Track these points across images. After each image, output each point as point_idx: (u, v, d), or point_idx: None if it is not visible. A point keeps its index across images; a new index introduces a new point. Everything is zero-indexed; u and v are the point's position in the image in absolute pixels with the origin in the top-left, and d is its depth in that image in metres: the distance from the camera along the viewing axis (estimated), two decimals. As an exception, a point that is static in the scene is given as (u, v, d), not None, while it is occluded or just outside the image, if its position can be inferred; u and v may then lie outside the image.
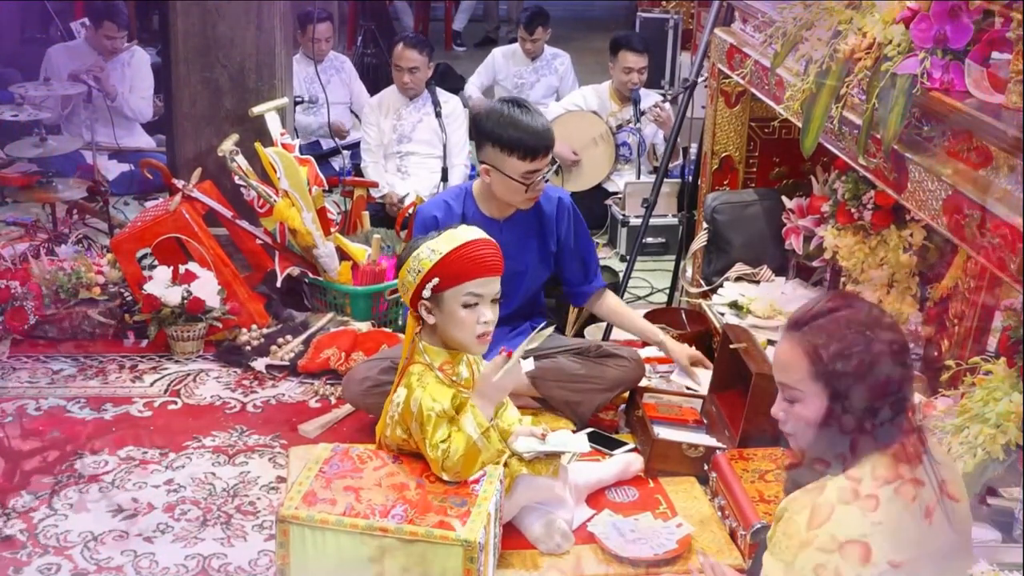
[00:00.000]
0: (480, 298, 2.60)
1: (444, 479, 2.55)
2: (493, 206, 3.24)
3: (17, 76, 5.43)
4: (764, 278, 3.88)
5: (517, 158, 3.06)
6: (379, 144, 5.27)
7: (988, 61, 2.28)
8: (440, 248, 2.57)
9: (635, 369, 3.31)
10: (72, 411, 3.39)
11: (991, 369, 2.49)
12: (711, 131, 3.98)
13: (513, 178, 3.09)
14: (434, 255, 2.57)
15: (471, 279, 2.58)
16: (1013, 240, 2.01)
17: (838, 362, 1.83)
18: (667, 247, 4.98)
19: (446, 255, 2.56)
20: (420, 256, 2.58)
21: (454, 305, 2.59)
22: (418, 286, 2.58)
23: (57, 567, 2.66)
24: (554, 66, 6.50)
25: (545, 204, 3.30)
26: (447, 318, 2.61)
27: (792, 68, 2.88)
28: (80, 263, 3.84)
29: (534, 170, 3.09)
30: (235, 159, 3.92)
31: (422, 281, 2.57)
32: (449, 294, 2.58)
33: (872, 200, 3.18)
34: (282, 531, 2.45)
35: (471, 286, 2.58)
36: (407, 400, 2.59)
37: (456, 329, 2.62)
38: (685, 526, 2.80)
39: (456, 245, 2.58)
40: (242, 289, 3.92)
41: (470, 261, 2.58)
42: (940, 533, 1.84)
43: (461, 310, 2.59)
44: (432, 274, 2.55)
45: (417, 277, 2.57)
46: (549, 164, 3.14)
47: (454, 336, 2.64)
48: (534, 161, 3.07)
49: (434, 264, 2.55)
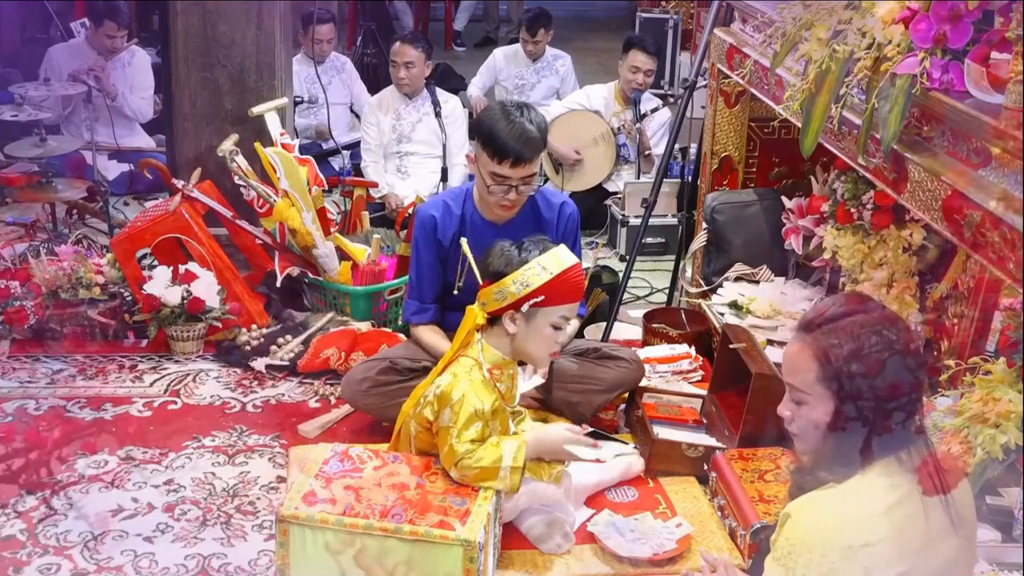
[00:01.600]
0: (567, 321, 2.69)
1: (450, 474, 2.57)
2: (488, 209, 3.23)
3: (17, 76, 5.43)
4: (764, 278, 3.88)
5: (488, 155, 3.04)
6: (379, 144, 5.27)
7: (988, 61, 2.28)
8: (551, 268, 2.62)
9: (635, 370, 3.31)
10: (72, 411, 3.39)
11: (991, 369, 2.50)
12: (711, 131, 3.98)
13: (482, 173, 3.09)
14: (544, 274, 2.61)
15: (570, 303, 2.66)
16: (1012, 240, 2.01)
17: (848, 367, 1.80)
18: (667, 247, 4.98)
19: (556, 276, 2.61)
20: (531, 271, 2.61)
21: (544, 323, 2.65)
22: (522, 299, 2.61)
23: (57, 567, 2.66)
24: (555, 67, 6.50)
25: (545, 210, 3.27)
26: (532, 333, 2.66)
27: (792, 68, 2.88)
28: (80, 263, 3.84)
29: (501, 175, 3.04)
30: (235, 159, 3.92)
31: (528, 295, 2.61)
32: (544, 312, 2.64)
33: (872, 200, 3.17)
34: (282, 531, 2.45)
35: (565, 309, 2.66)
36: (450, 386, 2.61)
37: (537, 344, 2.68)
38: (685, 526, 2.80)
39: (564, 268, 2.64)
40: (242, 289, 3.92)
41: (572, 286, 2.65)
42: (946, 540, 1.83)
43: (549, 329, 2.66)
44: (540, 292, 2.60)
45: (524, 290, 2.60)
46: (528, 182, 3.07)
47: (529, 350, 2.70)
48: (501, 164, 3.02)
49: (544, 283, 2.60)
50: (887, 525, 1.78)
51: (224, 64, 4.10)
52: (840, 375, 1.81)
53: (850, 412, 1.82)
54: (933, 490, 1.82)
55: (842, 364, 1.81)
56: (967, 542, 1.90)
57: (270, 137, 4.02)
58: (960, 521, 1.84)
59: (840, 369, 1.81)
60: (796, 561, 1.82)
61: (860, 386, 1.80)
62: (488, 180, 3.07)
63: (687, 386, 3.52)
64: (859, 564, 1.76)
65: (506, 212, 3.16)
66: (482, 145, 3.05)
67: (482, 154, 3.06)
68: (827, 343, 1.83)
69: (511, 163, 3.01)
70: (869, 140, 2.52)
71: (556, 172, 5.38)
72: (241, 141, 3.99)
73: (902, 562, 1.77)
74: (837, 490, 1.85)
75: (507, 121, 3.00)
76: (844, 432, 1.83)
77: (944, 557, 1.83)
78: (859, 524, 1.79)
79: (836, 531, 1.80)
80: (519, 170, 3.04)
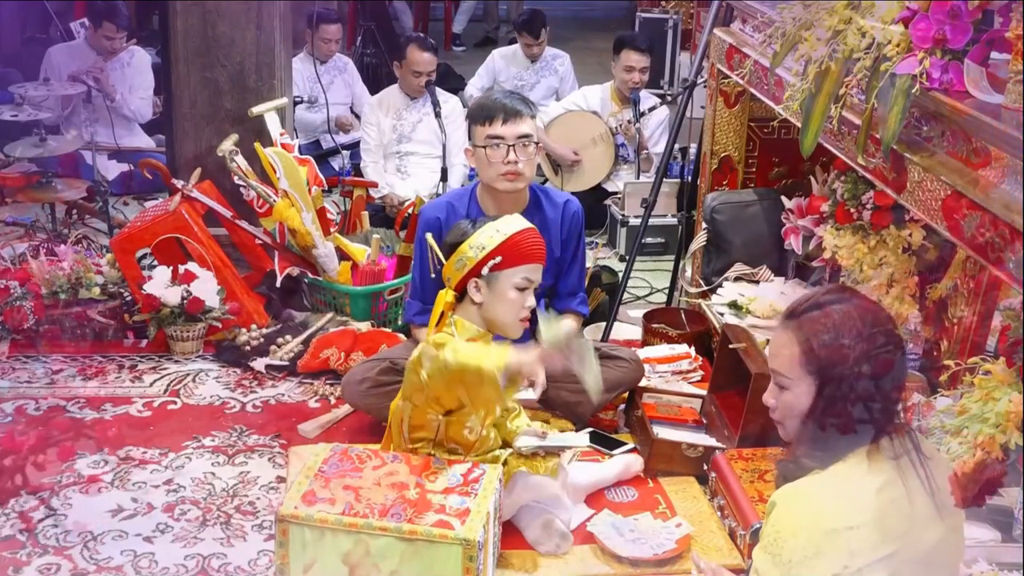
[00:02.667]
0: (531, 283, 2.71)
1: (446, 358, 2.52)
2: (493, 207, 3.23)
3: (17, 76, 5.43)
4: (763, 278, 3.88)
5: (478, 124, 3.17)
6: (379, 144, 5.26)
7: (987, 61, 2.28)
8: (504, 230, 2.68)
9: (634, 370, 3.31)
10: (72, 411, 3.39)
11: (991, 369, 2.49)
12: (710, 131, 3.98)
13: (478, 145, 3.16)
14: (499, 235, 2.66)
15: (528, 263, 2.69)
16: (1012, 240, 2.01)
17: (827, 352, 1.85)
18: (667, 247, 4.98)
19: (511, 236, 2.67)
20: (484, 233, 2.66)
21: (507, 285, 2.68)
22: (479, 262, 2.65)
23: (57, 567, 2.66)
24: (554, 67, 6.50)
25: (550, 210, 3.30)
26: (497, 298, 2.68)
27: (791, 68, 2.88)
28: (80, 263, 3.84)
29: (495, 135, 3.12)
30: (235, 159, 3.92)
31: (485, 257, 2.65)
32: (505, 274, 2.67)
33: (871, 200, 3.17)
34: (281, 530, 2.45)
35: (526, 270, 2.69)
36: (426, 347, 2.61)
37: (504, 309, 2.70)
38: (684, 526, 2.80)
39: (519, 229, 2.69)
40: (242, 289, 3.92)
41: (529, 247, 2.70)
42: (931, 527, 1.84)
43: (512, 291, 2.69)
44: (497, 252, 2.65)
45: (480, 253, 2.65)
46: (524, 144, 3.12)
47: (498, 316, 2.71)
48: (492, 124, 3.12)
49: (499, 244, 2.65)
50: (871, 508, 1.80)
51: (224, 64, 4.10)
52: (820, 358, 1.86)
53: (830, 395, 1.85)
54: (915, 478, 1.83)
55: (821, 347, 1.86)
56: (953, 532, 1.92)
57: (270, 137, 4.02)
58: (945, 509, 1.86)
59: (819, 352, 1.86)
60: (782, 548, 1.83)
61: (839, 370, 1.84)
62: (481, 145, 3.15)
63: (687, 386, 3.52)
64: (844, 547, 1.78)
65: (512, 182, 3.17)
66: (473, 120, 3.21)
67: (475, 128, 3.19)
68: (809, 328, 1.88)
69: (502, 120, 3.13)
70: (869, 140, 2.52)
71: (555, 173, 5.38)
72: (241, 141, 3.99)
73: (886, 545, 1.79)
74: (821, 475, 1.87)
75: (494, 92, 3.31)
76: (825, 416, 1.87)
77: (929, 542, 1.85)
78: (843, 507, 1.81)
79: (820, 515, 1.81)
80: (511, 127, 3.13)
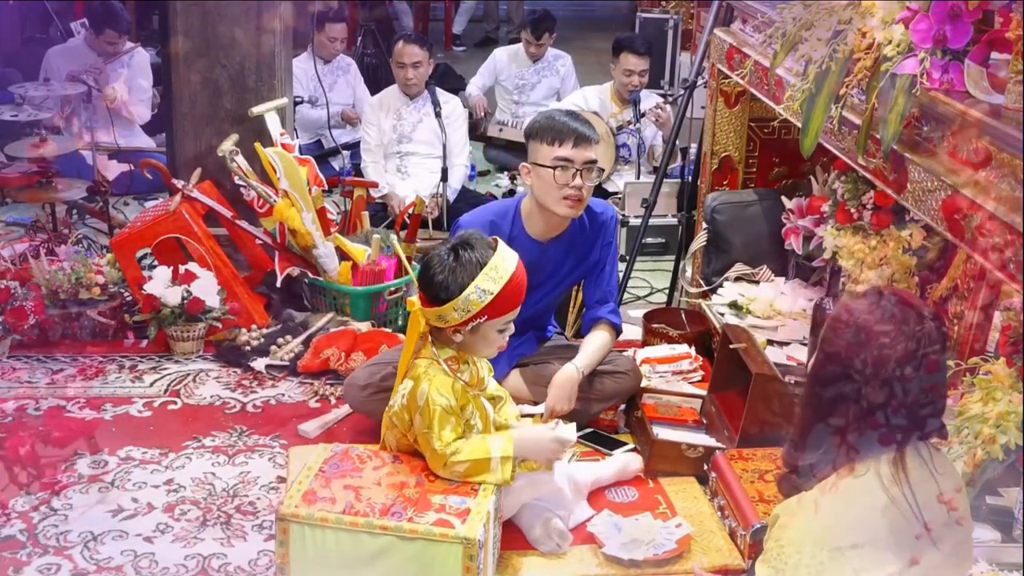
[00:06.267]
0: (511, 323, 2.69)
1: (440, 475, 2.57)
2: (539, 226, 3.20)
3: (17, 76, 5.43)
4: (764, 278, 3.88)
5: (546, 144, 3.08)
6: (379, 144, 5.26)
7: (988, 61, 2.28)
8: (490, 288, 2.58)
9: (632, 380, 3.31)
10: (72, 411, 3.39)
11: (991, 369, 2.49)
12: (711, 131, 3.98)
13: (544, 165, 3.08)
14: (485, 296, 2.57)
15: (513, 310, 2.66)
16: (1012, 240, 2.01)
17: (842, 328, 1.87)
18: (667, 247, 4.97)
19: (497, 295, 2.58)
20: (470, 298, 2.57)
21: (490, 331, 2.65)
22: (464, 321, 2.60)
23: (57, 567, 2.66)
24: (556, 67, 6.50)
25: (589, 221, 3.27)
26: (479, 340, 2.67)
27: (792, 68, 2.88)
28: (80, 263, 3.84)
29: (564, 157, 3.05)
30: (235, 159, 3.91)
31: (470, 319, 2.59)
32: (489, 323, 2.63)
33: (872, 200, 3.17)
34: (282, 529, 2.45)
35: (509, 316, 2.67)
36: (413, 392, 2.61)
37: (483, 347, 2.71)
38: (685, 526, 2.80)
39: (504, 283, 2.59)
40: (242, 289, 3.92)
41: (514, 296, 2.64)
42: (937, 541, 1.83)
43: (494, 334, 2.67)
44: (482, 313, 2.59)
45: (465, 316, 2.59)
46: (589, 169, 3.08)
47: (478, 351, 2.72)
48: (562, 147, 3.05)
49: (485, 305, 2.58)
50: (876, 527, 1.78)
51: (224, 64, 4.10)
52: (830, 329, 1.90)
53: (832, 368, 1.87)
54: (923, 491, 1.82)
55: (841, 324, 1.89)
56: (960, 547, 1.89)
57: (270, 137, 4.02)
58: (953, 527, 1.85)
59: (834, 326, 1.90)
60: (785, 562, 1.82)
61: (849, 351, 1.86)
62: (549, 165, 3.07)
63: (687, 386, 3.52)
64: (848, 565, 1.77)
65: (572, 209, 3.12)
66: (540, 139, 3.10)
67: (541, 147, 3.09)
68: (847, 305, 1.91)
69: (572, 143, 3.06)
70: (869, 140, 2.52)
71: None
72: (241, 141, 3.99)
73: (891, 563, 1.77)
74: (822, 491, 1.85)
75: (556, 113, 3.15)
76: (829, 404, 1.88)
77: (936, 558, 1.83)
78: (848, 525, 1.79)
79: (825, 532, 1.80)
80: (580, 151, 3.07)
